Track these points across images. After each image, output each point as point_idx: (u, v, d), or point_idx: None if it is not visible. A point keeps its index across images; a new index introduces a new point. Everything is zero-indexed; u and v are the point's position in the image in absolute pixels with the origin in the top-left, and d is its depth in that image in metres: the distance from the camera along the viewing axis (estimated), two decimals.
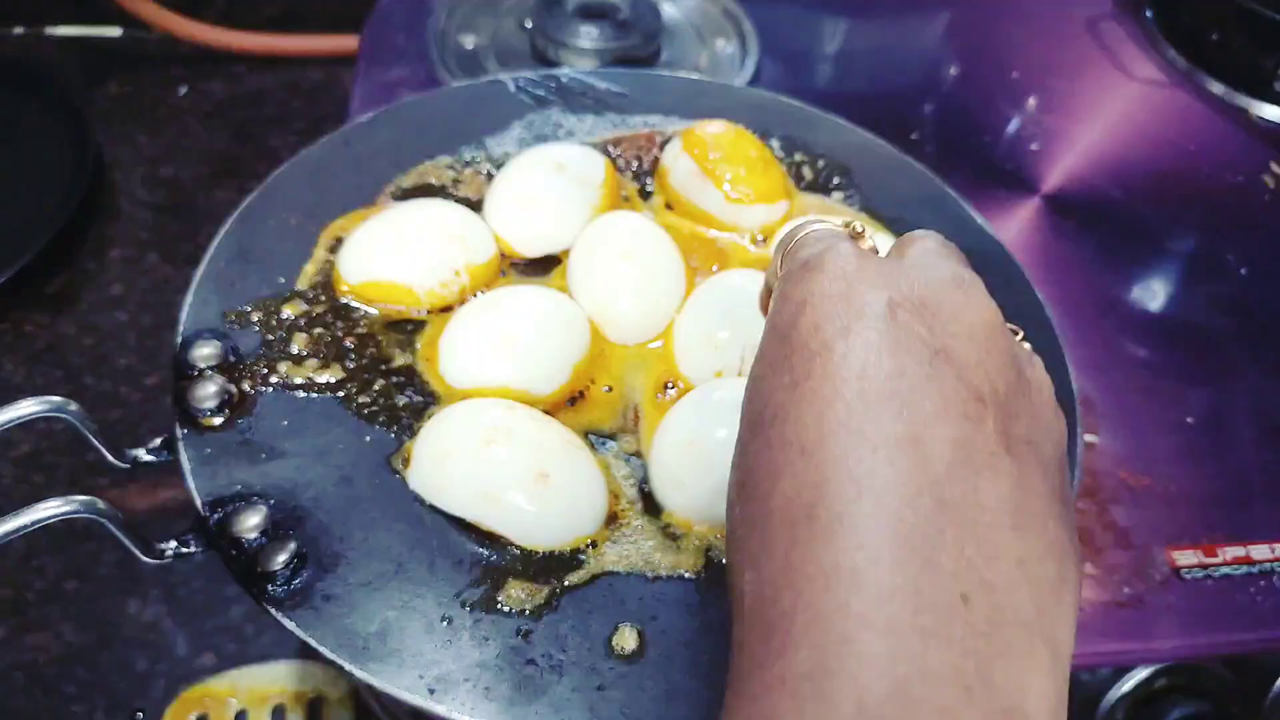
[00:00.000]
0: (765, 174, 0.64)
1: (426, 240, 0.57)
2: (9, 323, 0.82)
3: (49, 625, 0.66)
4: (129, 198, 0.93)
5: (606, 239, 0.59)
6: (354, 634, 0.42)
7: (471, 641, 0.43)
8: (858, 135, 0.70)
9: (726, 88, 0.74)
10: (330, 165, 0.62)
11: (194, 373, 0.51)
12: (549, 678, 0.42)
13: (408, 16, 0.94)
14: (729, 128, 0.65)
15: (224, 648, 0.66)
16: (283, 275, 0.56)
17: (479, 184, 0.64)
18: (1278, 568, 0.61)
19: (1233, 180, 0.88)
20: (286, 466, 0.48)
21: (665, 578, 0.47)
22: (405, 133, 0.65)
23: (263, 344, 0.53)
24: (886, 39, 1.02)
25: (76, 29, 1.08)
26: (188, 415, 0.49)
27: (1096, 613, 0.58)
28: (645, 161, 0.68)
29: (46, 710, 0.63)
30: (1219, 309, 0.77)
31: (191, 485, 0.47)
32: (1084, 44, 1.01)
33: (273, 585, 0.44)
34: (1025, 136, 0.90)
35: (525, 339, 0.53)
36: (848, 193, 0.66)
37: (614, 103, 0.71)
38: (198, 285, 0.54)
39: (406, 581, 0.45)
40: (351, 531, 0.46)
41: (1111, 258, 0.80)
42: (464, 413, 0.50)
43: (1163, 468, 0.66)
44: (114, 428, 0.75)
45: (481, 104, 0.69)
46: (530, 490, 0.47)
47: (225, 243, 0.57)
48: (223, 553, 0.45)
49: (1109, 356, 0.72)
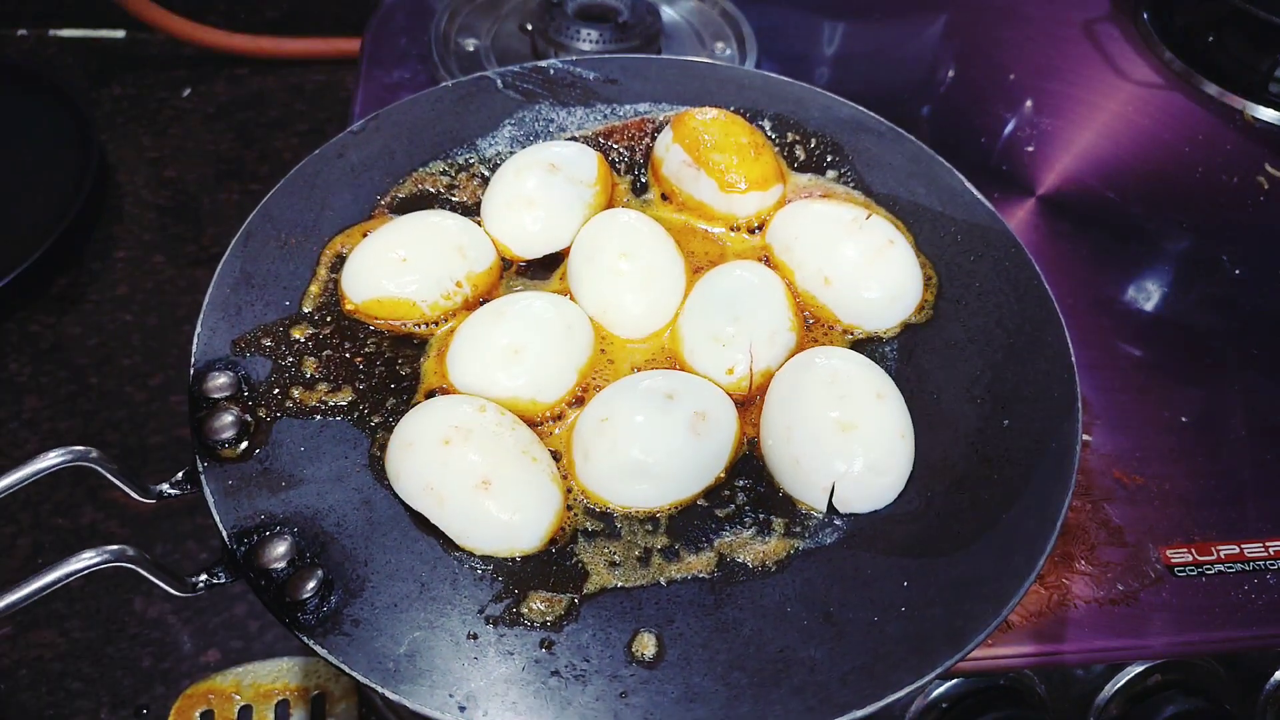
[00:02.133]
0: (758, 160, 0.63)
1: (427, 254, 0.57)
2: (15, 322, 0.82)
3: (55, 622, 0.67)
4: (133, 199, 0.94)
5: (604, 238, 0.59)
6: (384, 656, 0.43)
7: (497, 656, 0.44)
8: (848, 109, 0.69)
9: (714, 67, 0.73)
10: (325, 180, 0.62)
11: (210, 404, 0.51)
12: (574, 688, 0.43)
13: (409, 19, 0.94)
14: (719, 114, 0.65)
15: (228, 644, 0.67)
16: (288, 299, 0.56)
17: (474, 188, 0.64)
18: (1271, 565, 0.62)
19: (1227, 181, 0.88)
20: (307, 493, 0.49)
21: (680, 580, 0.47)
22: (397, 139, 0.65)
23: (274, 370, 0.53)
24: (884, 42, 1.02)
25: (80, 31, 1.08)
26: (207, 447, 0.49)
27: (1091, 610, 0.59)
28: (638, 152, 0.67)
29: (52, 706, 0.64)
30: (1213, 309, 0.78)
31: (218, 518, 0.47)
32: (1080, 46, 1.02)
33: (303, 613, 0.44)
34: (1022, 138, 0.90)
35: (530, 349, 0.53)
36: (842, 170, 0.66)
37: (603, 92, 0.70)
38: (205, 314, 0.54)
39: (431, 600, 0.45)
40: (374, 554, 0.47)
41: (1107, 258, 0.80)
42: (437, 408, 0.51)
43: (1157, 467, 0.66)
44: (119, 426, 0.76)
45: (471, 103, 0.68)
46: (469, 495, 0.47)
47: (228, 267, 0.57)
48: (251, 583, 0.45)
49: (1104, 356, 0.73)
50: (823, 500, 0.50)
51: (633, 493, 0.50)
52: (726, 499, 0.51)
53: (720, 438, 0.51)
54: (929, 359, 0.57)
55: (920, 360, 0.57)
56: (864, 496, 0.50)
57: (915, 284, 0.59)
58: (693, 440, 0.50)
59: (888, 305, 0.58)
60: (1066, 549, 0.61)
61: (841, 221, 0.60)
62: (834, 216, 0.60)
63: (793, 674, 0.44)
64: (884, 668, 0.44)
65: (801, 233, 0.60)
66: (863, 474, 0.50)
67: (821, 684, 0.43)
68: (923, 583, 0.47)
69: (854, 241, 0.59)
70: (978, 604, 0.46)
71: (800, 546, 0.49)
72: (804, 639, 0.45)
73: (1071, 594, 0.59)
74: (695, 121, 0.64)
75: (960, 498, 0.50)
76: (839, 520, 0.50)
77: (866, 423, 0.51)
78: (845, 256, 0.58)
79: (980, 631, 0.45)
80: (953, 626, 0.45)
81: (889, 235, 0.59)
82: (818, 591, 0.47)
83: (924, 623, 0.45)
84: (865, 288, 0.58)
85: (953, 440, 0.53)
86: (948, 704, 0.60)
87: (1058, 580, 0.60)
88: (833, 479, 0.49)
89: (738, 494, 0.51)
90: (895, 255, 0.59)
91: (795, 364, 0.54)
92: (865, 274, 0.58)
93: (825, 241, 0.59)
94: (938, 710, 0.60)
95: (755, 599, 0.47)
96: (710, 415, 0.51)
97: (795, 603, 0.46)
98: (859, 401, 0.51)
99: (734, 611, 0.46)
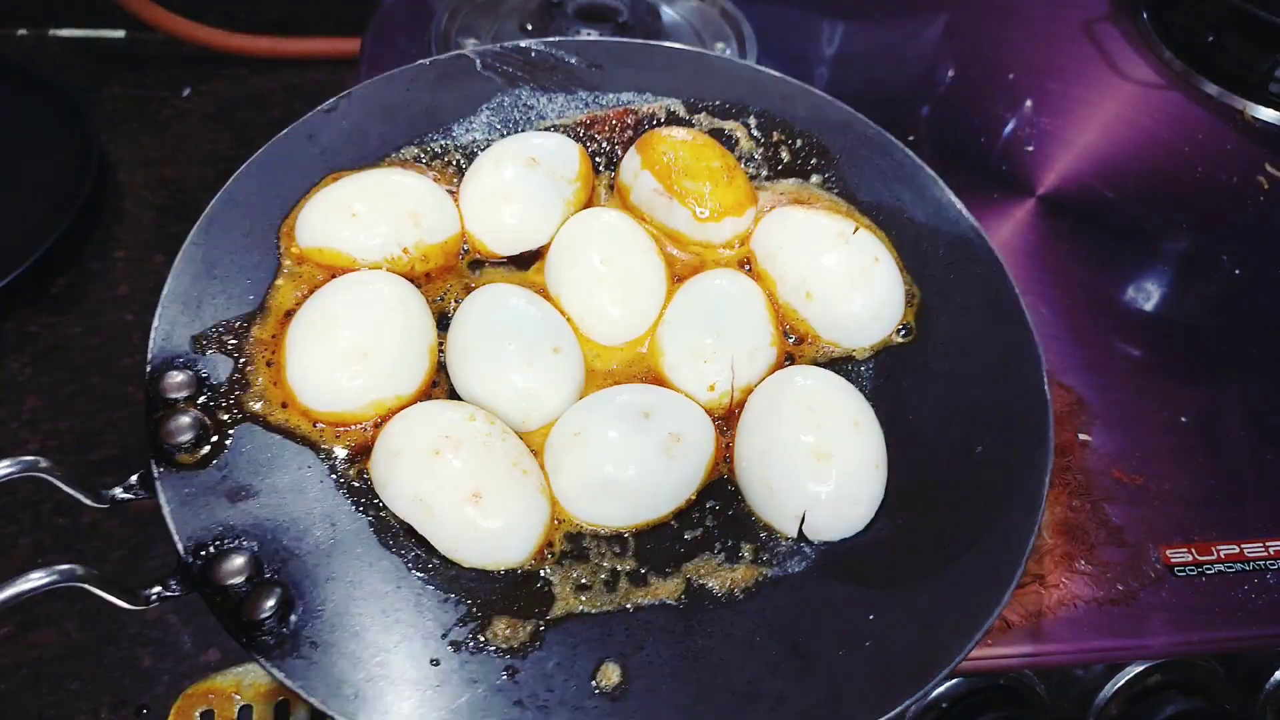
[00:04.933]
0: (731, 185, 0.60)
1: (378, 213, 0.55)
2: (15, 322, 0.82)
3: (54, 622, 0.67)
4: (133, 199, 0.94)
5: (584, 240, 0.58)
6: (344, 683, 0.42)
7: (460, 684, 0.43)
8: (838, 110, 0.67)
9: (701, 56, 0.69)
10: (295, 163, 0.59)
11: (167, 405, 0.47)
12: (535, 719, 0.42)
13: (409, 19, 0.94)
14: (688, 135, 0.62)
15: (228, 644, 0.67)
16: (251, 293, 0.53)
17: (449, 176, 0.62)
18: (1271, 565, 0.62)
19: (1227, 181, 0.88)
20: (268, 505, 0.46)
21: (647, 607, 0.47)
22: (369, 121, 0.62)
23: (235, 370, 0.49)
24: (884, 41, 1.02)
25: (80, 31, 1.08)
26: (163, 451, 0.46)
27: (1090, 610, 0.59)
28: (618, 145, 0.65)
29: (51, 706, 0.64)
30: (1213, 309, 0.78)
31: (173, 528, 0.44)
32: (1080, 46, 1.02)
33: (260, 633, 0.42)
34: (1021, 138, 0.90)
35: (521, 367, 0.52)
36: (826, 175, 0.65)
37: (587, 78, 0.67)
38: (163, 306, 0.50)
39: (394, 623, 0.44)
40: (336, 571, 0.45)
41: (1106, 258, 0.80)
42: (425, 413, 0.49)
43: (1156, 466, 0.66)
44: (118, 427, 0.76)
45: (448, 84, 0.65)
46: (458, 508, 0.46)
47: (188, 256, 0.53)
48: (207, 598, 0.43)
49: (1103, 356, 0.73)
50: (793, 526, 0.49)
51: (602, 510, 0.49)
52: (696, 521, 0.50)
53: (695, 460, 0.51)
54: (906, 378, 0.56)
55: (898, 379, 0.56)
56: (835, 525, 0.50)
57: (898, 303, 0.58)
58: (665, 461, 0.49)
59: (869, 324, 0.57)
60: (1066, 549, 0.61)
61: (828, 234, 0.59)
62: (820, 228, 0.59)
63: (759, 707, 0.43)
64: (848, 704, 0.43)
65: (786, 243, 0.59)
66: (835, 503, 0.49)
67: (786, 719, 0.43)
68: (889, 615, 0.46)
69: (839, 256, 0.58)
70: (942, 638, 0.45)
71: (769, 574, 0.48)
72: (771, 671, 0.44)
73: (1071, 594, 0.59)
74: (664, 145, 0.61)
75: (929, 527, 0.50)
76: (808, 548, 0.49)
77: (842, 452, 0.50)
78: (829, 272, 0.57)
79: (942, 668, 0.44)
80: (916, 663, 0.44)
81: (875, 252, 0.59)
82: (786, 622, 0.46)
83: (888, 657, 0.45)
84: (847, 305, 0.57)
85: (925, 466, 0.52)
86: (948, 703, 0.60)
87: (1058, 580, 0.60)
88: (805, 507, 0.49)
89: (707, 516, 0.51)
90: (880, 273, 0.58)
91: (773, 383, 0.54)
92: (848, 291, 0.57)
93: (809, 254, 0.58)
94: (938, 710, 0.60)
95: (724, 628, 0.46)
96: (686, 437, 0.50)
97: (764, 633, 0.46)
98: (835, 429, 0.51)
99: (703, 640, 0.45)
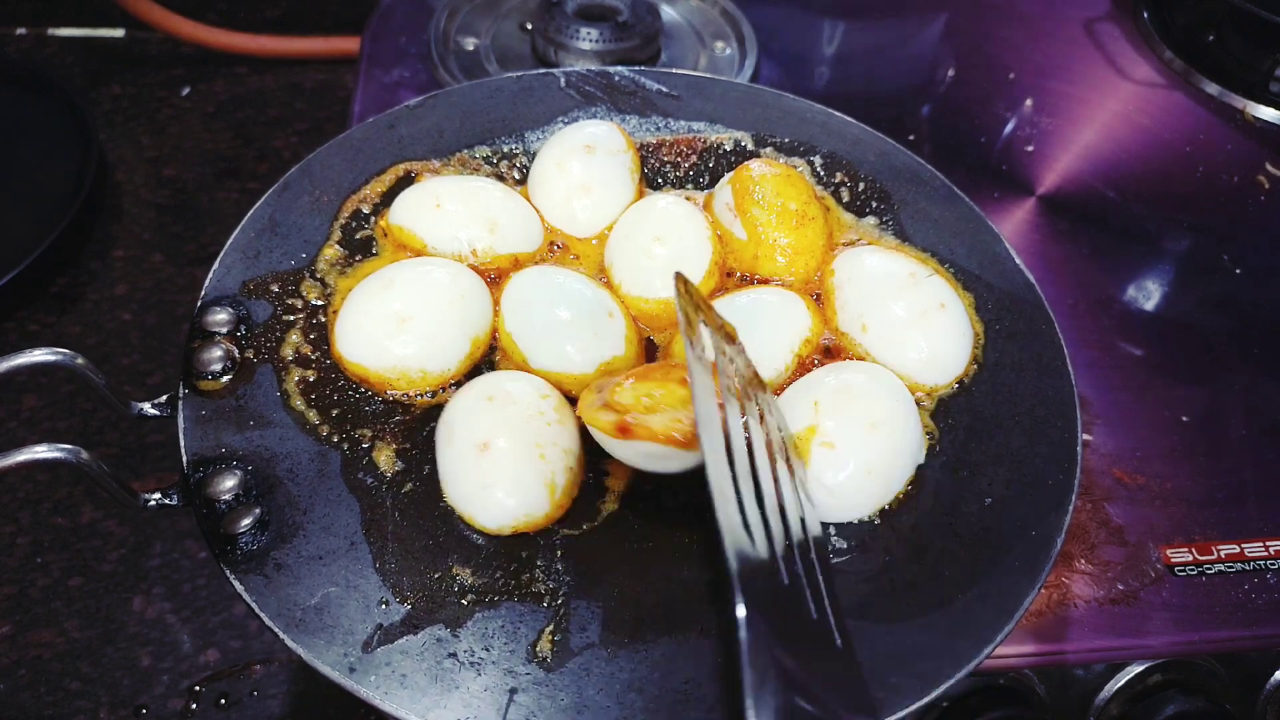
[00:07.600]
0: (798, 230, 0.60)
1: (459, 212, 0.58)
2: (14, 322, 0.82)
3: (53, 622, 0.67)
4: (132, 198, 0.93)
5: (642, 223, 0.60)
6: (294, 605, 0.44)
7: (402, 626, 0.44)
8: (906, 158, 0.68)
9: (779, 96, 0.71)
10: (371, 147, 0.64)
11: (206, 337, 0.53)
12: (466, 674, 0.43)
13: (409, 18, 0.94)
14: (780, 171, 0.62)
15: (228, 644, 0.67)
16: (304, 251, 0.58)
17: (512, 178, 0.65)
18: (1271, 565, 0.62)
19: (1228, 181, 0.88)
20: (270, 436, 0.50)
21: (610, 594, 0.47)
22: (449, 120, 0.67)
23: (274, 316, 0.55)
24: (884, 41, 1.02)
25: (79, 30, 1.08)
26: (192, 376, 0.51)
27: (1091, 609, 0.59)
28: (684, 168, 0.67)
29: (51, 706, 0.64)
30: (1214, 309, 0.78)
31: (182, 443, 0.49)
32: (1080, 46, 1.02)
33: (233, 547, 0.45)
34: (1021, 138, 0.90)
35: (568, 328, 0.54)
36: (884, 218, 0.65)
37: (662, 105, 0.70)
38: (225, 253, 0.57)
39: (355, 561, 0.46)
40: (315, 504, 0.48)
41: (1107, 258, 0.80)
42: (508, 376, 0.52)
43: (1157, 466, 0.66)
44: (119, 426, 0.76)
45: (529, 96, 0.69)
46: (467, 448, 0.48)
47: (259, 213, 0.59)
48: (196, 510, 0.47)
49: (1104, 355, 0.73)
50: None
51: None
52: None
53: None
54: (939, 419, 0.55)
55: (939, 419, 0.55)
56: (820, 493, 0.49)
57: (962, 352, 0.57)
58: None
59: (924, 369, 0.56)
60: (1067, 548, 0.61)
61: (897, 277, 0.58)
62: (890, 271, 0.58)
63: (691, 709, 0.43)
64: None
65: (854, 275, 0.59)
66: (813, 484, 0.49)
67: None
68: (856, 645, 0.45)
69: (904, 298, 0.57)
70: (904, 679, 0.44)
71: None
72: (713, 675, 0.44)
73: (1071, 593, 0.59)
74: (753, 172, 0.62)
75: (921, 567, 0.48)
76: None
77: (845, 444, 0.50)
78: (893, 313, 0.56)
79: (898, 709, 0.43)
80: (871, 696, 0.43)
81: (942, 297, 0.57)
82: None
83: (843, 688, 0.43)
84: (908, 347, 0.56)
85: (928, 506, 0.51)
86: (948, 703, 0.60)
87: (1058, 580, 0.60)
88: None
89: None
90: (946, 319, 0.56)
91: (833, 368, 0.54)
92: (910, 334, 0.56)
93: (877, 293, 0.57)
94: (938, 710, 0.60)
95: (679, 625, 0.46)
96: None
97: (718, 638, 0.45)
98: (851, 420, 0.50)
99: (653, 634, 0.45)
